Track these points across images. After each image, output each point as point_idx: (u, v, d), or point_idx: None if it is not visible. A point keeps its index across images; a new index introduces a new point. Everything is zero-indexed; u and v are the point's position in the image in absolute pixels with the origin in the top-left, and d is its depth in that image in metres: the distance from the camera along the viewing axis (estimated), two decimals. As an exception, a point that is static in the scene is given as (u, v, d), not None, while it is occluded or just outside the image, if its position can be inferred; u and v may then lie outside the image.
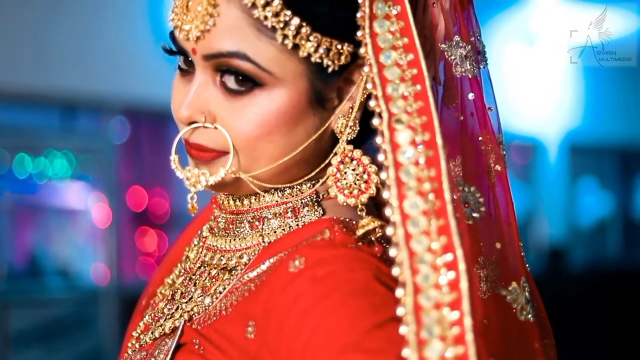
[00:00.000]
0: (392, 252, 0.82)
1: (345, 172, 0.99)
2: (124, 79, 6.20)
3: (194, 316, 1.03)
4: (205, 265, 1.08)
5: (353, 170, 0.99)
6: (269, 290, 0.94)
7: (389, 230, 0.83)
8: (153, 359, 1.02)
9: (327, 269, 0.91)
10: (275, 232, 1.03)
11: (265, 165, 1.00)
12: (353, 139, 1.00)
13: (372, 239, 0.97)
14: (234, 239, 1.06)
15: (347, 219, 1.01)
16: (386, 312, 0.85)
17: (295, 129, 0.99)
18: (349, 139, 1.00)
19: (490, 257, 1.03)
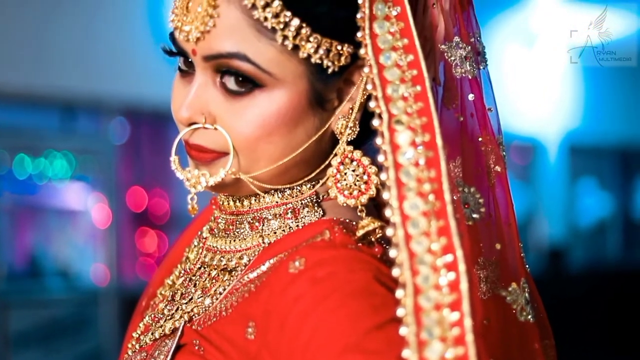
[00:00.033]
0: (392, 253, 0.82)
1: (345, 173, 0.99)
2: (124, 80, 6.20)
3: (194, 317, 1.02)
4: (205, 266, 1.08)
5: (353, 171, 0.99)
6: (269, 291, 0.94)
7: (389, 231, 0.83)
8: (153, 360, 1.02)
9: (327, 269, 0.91)
10: (275, 233, 1.03)
11: (265, 166, 1.00)
12: (353, 139, 1.00)
13: (372, 239, 0.97)
14: (234, 240, 1.06)
15: (347, 220, 1.01)
16: (386, 313, 0.85)
17: (295, 130, 0.99)
18: (349, 139, 1.00)
19: (490, 258, 1.03)
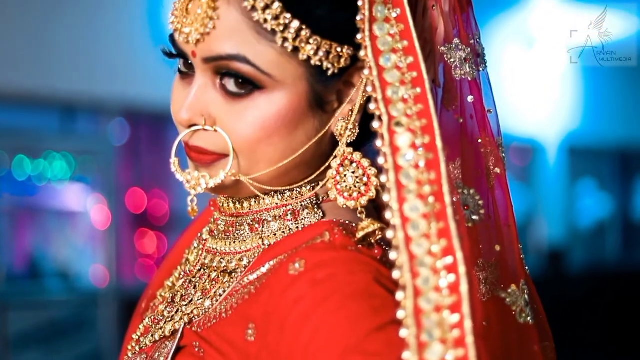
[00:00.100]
0: (392, 255, 0.82)
1: (345, 175, 0.99)
2: (124, 81, 6.19)
3: (194, 319, 1.02)
4: (205, 267, 1.08)
5: (353, 172, 0.99)
6: (269, 293, 0.94)
7: (389, 234, 0.83)
8: (153, 362, 1.02)
9: (327, 271, 0.91)
10: (275, 234, 1.03)
11: (265, 167, 1.00)
12: (353, 141, 1.00)
13: (372, 241, 0.97)
14: (234, 242, 1.06)
15: (347, 222, 1.01)
16: (386, 315, 0.85)
17: (295, 132, 0.99)
18: (349, 141, 1.00)
19: (489, 260, 1.03)
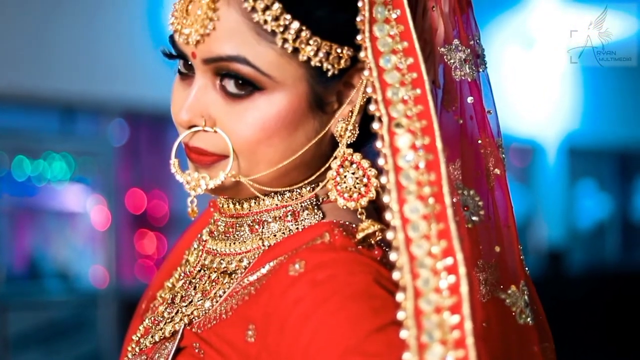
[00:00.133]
0: (392, 256, 0.82)
1: (345, 176, 0.99)
2: (123, 82, 6.19)
3: (194, 320, 1.02)
4: (205, 268, 1.08)
5: (353, 173, 0.99)
6: (269, 294, 0.94)
7: (389, 235, 0.83)
8: (153, 363, 1.02)
9: (327, 272, 0.91)
10: (275, 235, 1.03)
11: (265, 168, 1.00)
12: (353, 142, 1.01)
13: (372, 242, 0.97)
14: (234, 243, 1.06)
15: (347, 223, 1.01)
16: (386, 316, 0.85)
17: (295, 133, 0.99)
18: (349, 142, 1.00)
19: (489, 261, 1.03)
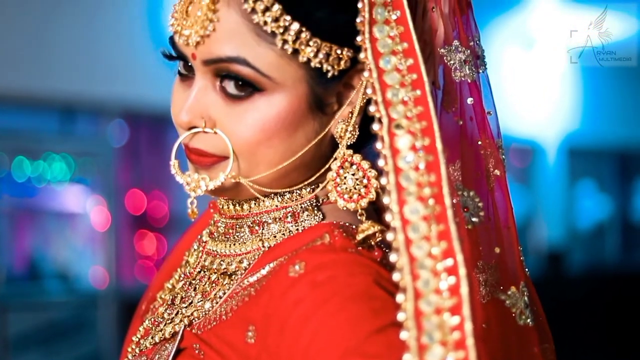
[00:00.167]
0: (392, 257, 0.82)
1: (345, 177, 0.99)
2: (123, 83, 6.19)
3: (194, 321, 1.02)
4: (205, 269, 1.08)
5: (353, 175, 0.99)
6: (269, 295, 0.94)
7: (389, 236, 0.83)
8: (153, 364, 1.02)
9: (327, 273, 0.91)
10: (275, 236, 1.03)
11: (265, 170, 1.00)
12: (353, 143, 1.01)
13: (372, 243, 0.97)
14: (234, 244, 1.06)
15: (347, 224, 1.01)
16: (386, 317, 0.85)
17: (295, 134, 0.99)
18: (349, 143, 1.00)
19: (489, 262, 1.03)
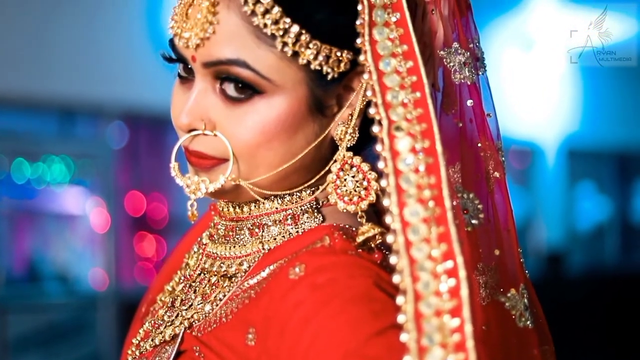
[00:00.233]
0: (392, 259, 0.83)
1: (345, 179, 0.99)
2: (123, 85, 6.19)
3: (194, 323, 1.02)
4: (205, 272, 1.08)
5: (353, 177, 0.99)
6: (269, 297, 0.94)
7: (389, 238, 0.83)
8: (153, 366, 1.02)
9: (327, 275, 0.91)
10: (275, 239, 1.03)
11: (265, 172, 1.00)
12: (353, 146, 1.00)
13: (372, 245, 0.97)
14: (234, 246, 1.06)
15: (347, 226, 1.01)
16: (386, 319, 0.85)
17: (295, 136, 0.99)
18: (349, 145, 1.00)
19: (489, 264, 1.03)
